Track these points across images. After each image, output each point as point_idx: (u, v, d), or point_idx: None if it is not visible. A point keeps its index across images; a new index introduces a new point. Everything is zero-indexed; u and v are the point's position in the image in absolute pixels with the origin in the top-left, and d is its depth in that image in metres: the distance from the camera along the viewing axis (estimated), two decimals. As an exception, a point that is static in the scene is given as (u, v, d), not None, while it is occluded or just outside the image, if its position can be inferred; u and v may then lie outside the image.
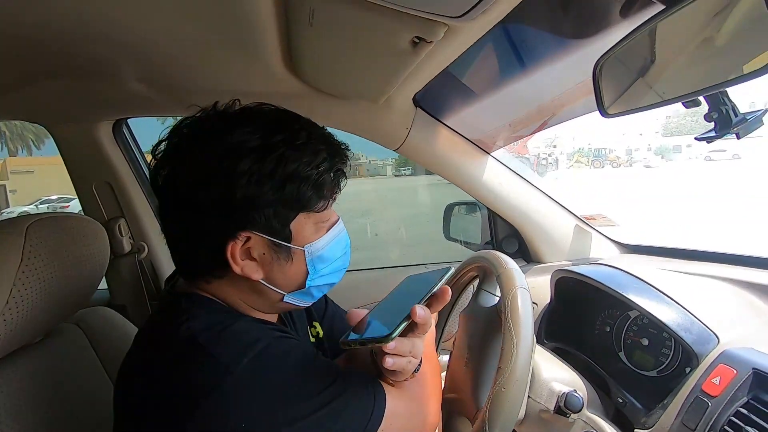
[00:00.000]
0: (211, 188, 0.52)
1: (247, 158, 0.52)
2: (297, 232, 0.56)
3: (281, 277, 0.58)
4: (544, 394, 0.77)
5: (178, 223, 0.57)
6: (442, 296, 0.53)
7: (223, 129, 0.54)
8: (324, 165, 0.55)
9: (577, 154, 35.13)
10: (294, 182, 0.53)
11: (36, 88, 0.95)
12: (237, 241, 0.54)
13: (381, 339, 0.48)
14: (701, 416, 0.63)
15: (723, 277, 0.91)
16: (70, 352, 0.80)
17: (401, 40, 0.62)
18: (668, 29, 0.50)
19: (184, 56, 0.85)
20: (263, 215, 0.53)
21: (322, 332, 0.81)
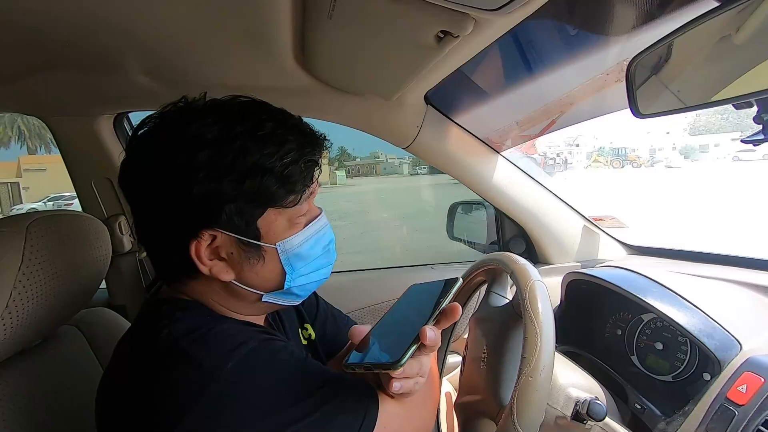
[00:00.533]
0: (168, 185, 0.49)
1: (204, 151, 0.48)
2: (266, 229, 0.53)
3: (254, 278, 0.54)
4: (561, 399, 0.76)
5: (144, 223, 0.54)
6: (452, 314, 0.49)
7: (181, 122, 0.51)
8: (290, 156, 0.51)
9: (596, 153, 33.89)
10: (255, 175, 0.49)
11: (34, 80, 0.91)
12: (201, 241, 0.51)
13: (390, 366, 0.45)
14: (728, 425, 0.62)
15: (737, 280, 0.90)
16: (70, 355, 0.77)
17: (426, 34, 0.59)
18: (716, 29, 0.48)
19: (191, 48, 0.82)
20: (225, 212, 0.50)
21: (314, 334, 0.78)
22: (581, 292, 1.03)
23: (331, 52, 0.77)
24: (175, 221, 0.51)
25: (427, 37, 0.60)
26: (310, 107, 1.08)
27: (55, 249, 0.65)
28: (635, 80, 0.57)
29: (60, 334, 0.78)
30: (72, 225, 0.71)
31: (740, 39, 0.57)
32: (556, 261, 1.33)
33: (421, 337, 0.45)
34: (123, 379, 0.52)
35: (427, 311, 0.49)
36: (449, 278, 0.54)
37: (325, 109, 1.08)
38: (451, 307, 0.49)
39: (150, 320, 0.55)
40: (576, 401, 0.74)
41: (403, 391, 0.49)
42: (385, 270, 1.47)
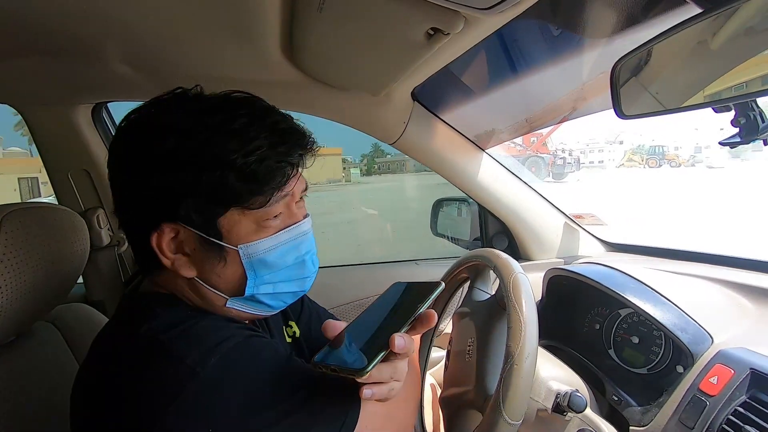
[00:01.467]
0: (134, 173, 0.49)
1: (167, 141, 0.47)
2: (228, 228, 0.50)
3: (215, 278, 0.52)
4: (542, 392, 0.78)
5: (119, 211, 0.54)
6: (428, 321, 0.48)
7: (155, 112, 0.50)
8: (256, 154, 0.47)
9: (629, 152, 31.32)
10: (214, 169, 0.47)
11: (6, 67, 0.87)
12: (162, 233, 0.50)
13: (353, 371, 0.43)
14: (699, 415, 0.65)
15: (711, 277, 0.94)
16: (45, 352, 0.75)
17: (416, 31, 0.59)
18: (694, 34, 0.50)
19: (173, 37, 0.80)
20: (182, 206, 0.48)
21: (299, 332, 0.78)
22: (562, 287, 1.06)
23: (320, 45, 0.76)
24: (137, 212, 0.51)
25: (417, 34, 0.60)
26: (295, 101, 1.07)
27: (31, 243, 0.63)
28: (619, 82, 0.58)
29: (35, 331, 0.76)
30: (48, 218, 0.69)
31: (716, 44, 0.59)
32: (538, 257, 1.35)
33: (390, 345, 0.44)
34: (101, 374, 0.50)
35: (402, 316, 0.48)
36: (432, 282, 0.53)
37: (310, 104, 1.07)
38: (428, 314, 0.48)
39: (129, 315, 0.54)
40: (557, 394, 0.76)
41: (376, 398, 0.47)
42: (370, 265, 1.48)
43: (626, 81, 0.59)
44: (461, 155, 1.22)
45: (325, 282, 1.37)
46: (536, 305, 1.07)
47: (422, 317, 0.48)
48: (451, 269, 0.89)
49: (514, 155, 20.13)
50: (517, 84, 1.02)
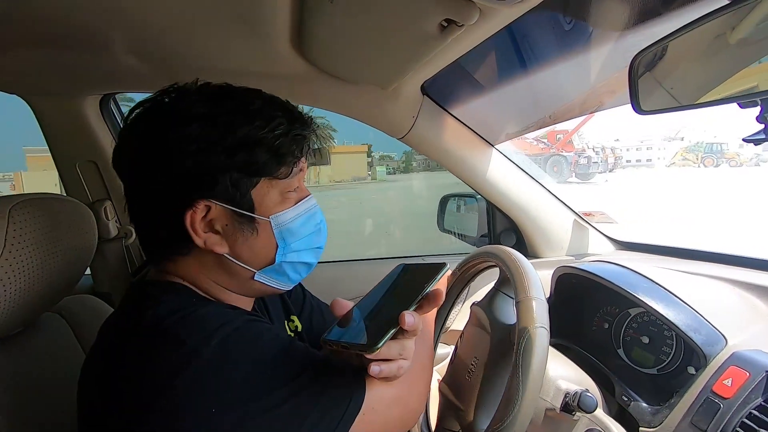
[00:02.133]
0: (163, 158, 0.51)
1: (195, 125, 0.51)
2: (259, 200, 0.54)
3: (248, 251, 0.56)
4: (551, 392, 0.77)
5: (138, 199, 0.56)
6: (435, 299, 0.50)
7: (171, 100, 0.54)
8: (280, 129, 0.53)
9: (683, 149, 28.85)
10: (247, 147, 0.52)
11: (13, 57, 0.87)
12: (196, 211, 0.52)
13: (364, 347, 0.44)
14: (713, 417, 0.64)
15: (723, 277, 0.92)
16: (53, 343, 0.75)
17: (430, 22, 0.58)
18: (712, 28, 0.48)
19: (181, 28, 0.79)
20: (219, 182, 0.52)
21: (300, 326, 0.79)
22: (571, 285, 1.05)
23: (330, 38, 0.75)
24: (169, 192, 0.52)
25: (430, 26, 0.59)
26: (304, 94, 1.06)
27: (39, 234, 0.63)
28: (638, 77, 0.57)
29: (43, 322, 0.76)
30: (56, 209, 0.69)
31: (735, 38, 0.58)
32: (546, 255, 1.34)
33: (400, 322, 0.45)
34: (107, 360, 0.51)
35: (410, 295, 0.50)
36: (437, 263, 0.54)
37: (319, 97, 1.06)
38: (435, 292, 0.50)
39: (135, 302, 0.55)
40: (566, 393, 0.75)
41: (384, 375, 0.48)
42: (377, 260, 1.47)
43: (643, 75, 0.57)
44: (470, 151, 1.21)
45: (331, 276, 1.38)
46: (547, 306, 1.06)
47: (429, 296, 0.49)
48: (468, 259, 0.87)
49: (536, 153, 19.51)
50: (529, 79, 1.00)
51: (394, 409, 0.56)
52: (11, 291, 0.60)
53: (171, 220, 0.52)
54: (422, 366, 0.66)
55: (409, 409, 0.60)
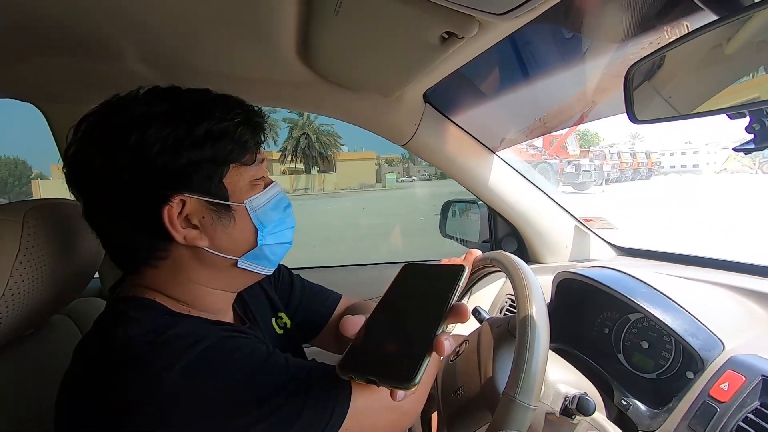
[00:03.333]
0: (130, 161, 0.51)
1: (156, 124, 0.51)
2: (232, 188, 0.56)
3: (227, 240, 0.56)
4: (551, 395, 0.78)
5: (106, 209, 0.54)
6: (461, 314, 0.45)
7: (127, 104, 0.54)
8: (239, 118, 0.56)
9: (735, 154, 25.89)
10: (213, 138, 0.53)
11: (27, 65, 0.89)
12: (172, 206, 0.52)
13: (399, 384, 0.39)
14: (709, 421, 0.65)
15: (721, 283, 0.93)
16: (61, 345, 0.76)
17: (431, 34, 0.60)
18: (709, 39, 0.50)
19: (190, 36, 0.81)
20: (192, 176, 0.53)
21: (290, 322, 0.78)
22: (571, 290, 1.05)
23: (334, 47, 0.77)
24: (142, 194, 0.52)
25: (431, 38, 0.61)
26: (307, 101, 1.08)
27: (52, 237, 0.65)
28: (633, 86, 0.58)
29: (52, 324, 0.77)
30: (68, 213, 0.70)
31: (731, 49, 0.59)
32: (547, 260, 1.35)
33: (438, 350, 0.40)
34: (76, 381, 0.51)
35: (434, 309, 0.45)
36: (453, 265, 0.49)
37: (323, 104, 1.08)
38: (460, 307, 0.45)
39: (106, 320, 0.55)
40: (565, 397, 0.76)
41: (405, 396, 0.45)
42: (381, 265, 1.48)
43: (639, 85, 0.59)
44: (472, 157, 1.23)
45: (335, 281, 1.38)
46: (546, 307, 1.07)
47: (454, 310, 0.45)
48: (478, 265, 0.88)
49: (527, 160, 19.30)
50: (528, 87, 1.02)
51: (382, 418, 0.56)
52: (24, 293, 0.61)
53: (148, 222, 0.52)
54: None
55: (402, 412, 0.59)
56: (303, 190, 32.96)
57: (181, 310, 0.56)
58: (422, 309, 0.46)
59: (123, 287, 0.61)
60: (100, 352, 0.51)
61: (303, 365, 0.54)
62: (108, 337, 0.51)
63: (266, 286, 0.78)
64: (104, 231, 0.57)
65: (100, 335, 0.54)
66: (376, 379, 0.40)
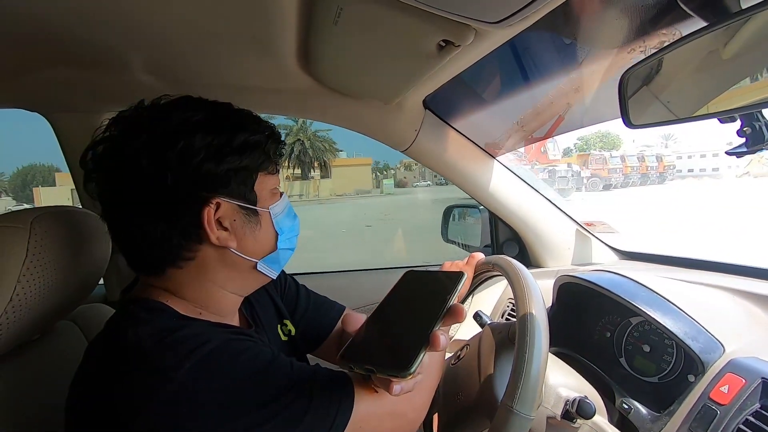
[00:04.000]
0: (175, 165, 0.53)
1: (200, 132, 0.55)
2: (259, 194, 0.60)
3: (252, 243, 0.60)
4: (551, 399, 0.78)
5: (141, 209, 0.55)
6: (457, 314, 0.48)
7: (164, 113, 0.57)
8: (267, 132, 0.61)
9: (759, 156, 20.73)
10: (249, 148, 0.58)
11: (36, 77, 0.91)
12: (210, 208, 0.55)
13: (395, 372, 0.42)
14: (710, 424, 0.65)
15: (722, 286, 0.93)
16: (67, 350, 0.77)
17: (428, 42, 0.61)
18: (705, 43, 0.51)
19: (195, 48, 0.83)
20: (231, 181, 0.57)
21: (294, 330, 0.79)
22: (572, 294, 1.06)
23: (335, 56, 0.79)
24: (184, 196, 0.54)
25: (429, 46, 0.62)
26: (309, 109, 1.10)
27: (58, 244, 0.66)
28: (627, 92, 0.59)
29: (57, 329, 0.78)
30: (74, 221, 0.71)
31: (728, 54, 0.60)
32: (549, 265, 1.35)
33: (434, 344, 0.43)
34: (87, 381, 0.53)
35: (432, 309, 0.47)
36: (453, 272, 0.52)
37: (324, 111, 1.10)
38: (457, 308, 0.49)
39: (117, 321, 0.57)
40: (566, 400, 0.76)
41: (404, 392, 0.47)
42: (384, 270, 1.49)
43: (635, 91, 0.60)
44: (472, 162, 1.24)
45: (338, 286, 1.40)
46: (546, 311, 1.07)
47: (452, 310, 0.49)
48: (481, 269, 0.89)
49: None
50: (527, 92, 1.03)
51: (386, 423, 0.57)
52: (31, 298, 0.62)
53: (184, 222, 0.55)
54: (427, 374, 0.65)
55: (407, 420, 0.60)
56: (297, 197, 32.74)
57: (190, 312, 0.58)
58: (421, 309, 0.49)
59: (134, 290, 0.62)
60: (109, 352, 0.52)
61: (307, 369, 0.54)
62: (118, 338, 0.52)
63: (272, 292, 0.80)
64: (133, 233, 0.57)
65: (111, 336, 0.55)
66: (373, 368, 0.42)
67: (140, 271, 0.61)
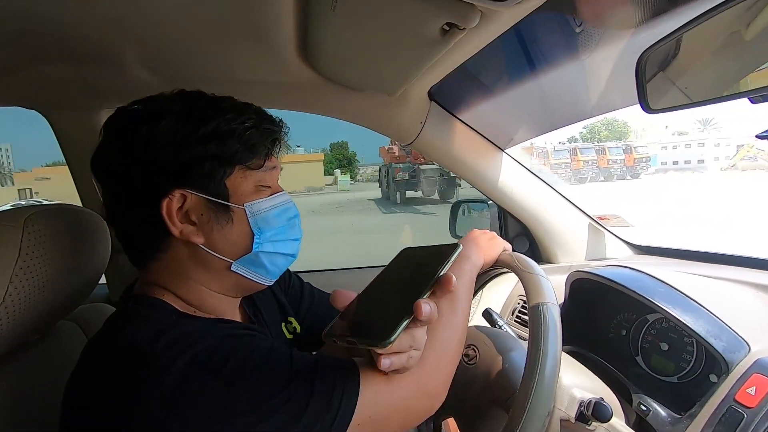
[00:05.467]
0: (138, 152, 0.53)
1: (168, 119, 0.53)
2: (234, 189, 0.56)
3: (223, 241, 0.57)
4: (565, 400, 0.75)
5: (117, 201, 0.57)
6: (446, 284, 0.45)
7: (146, 103, 0.57)
8: (250, 122, 0.56)
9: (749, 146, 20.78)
10: (219, 137, 0.54)
11: (31, 73, 0.90)
12: (171, 200, 0.53)
13: (374, 342, 0.41)
14: (736, 428, 0.61)
15: (745, 281, 0.89)
16: (69, 350, 0.76)
17: (431, 27, 0.58)
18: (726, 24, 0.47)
19: (191, 41, 0.81)
20: (193, 172, 0.54)
21: (299, 327, 0.78)
22: (585, 291, 1.02)
23: (334, 45, 0.76)
24: (144, 184, 0.54)
25: (432, 30, 0.59)
26: (312, 103, 1.07)
27: (54, 243, 0.64)
28: (645, 75, 0.56)
29: (58, 330, 0.77)
30: (71, 219, 0.70)
31: (750, 35, 0.56)
32: (561, 260, 1.32)
33: (416, 312, 0.42)
34: (83, 377, 0.52)
35: (421, 280, 0.46)
36: (449, 244, 0.50)
37: (327, 106, 1.07)
38: (446, 277, 0.45)
39: (115, 319, 0.56)
40: (580, 402, 0.73)
41: (394, 367, 0.46)
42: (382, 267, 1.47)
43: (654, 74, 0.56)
44: (480, 155, 1.21)
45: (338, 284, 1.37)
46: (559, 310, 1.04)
47: (441, 281, 0.46)
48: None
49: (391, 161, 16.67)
50: (538, 81, 0.99)
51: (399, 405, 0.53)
52: (26, 299, 0.61)
53: (148, 213, 0.54)
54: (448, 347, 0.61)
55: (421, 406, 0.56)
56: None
57: (187, 309, 0.57)
58: (410, 282, 0.47)
59: (135, 286, 0.62)
60: (105, 350, 0.52)
61: (308, 359, 0.52)
62: (114, 335, 0.52)
63: (276, 290, 0.79)
64: (116, 224, 0.59)
65: (108, 333, 0.54)
66: (355, 340, 0.42)
67: (132, 264, 0.61)
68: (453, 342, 0.62)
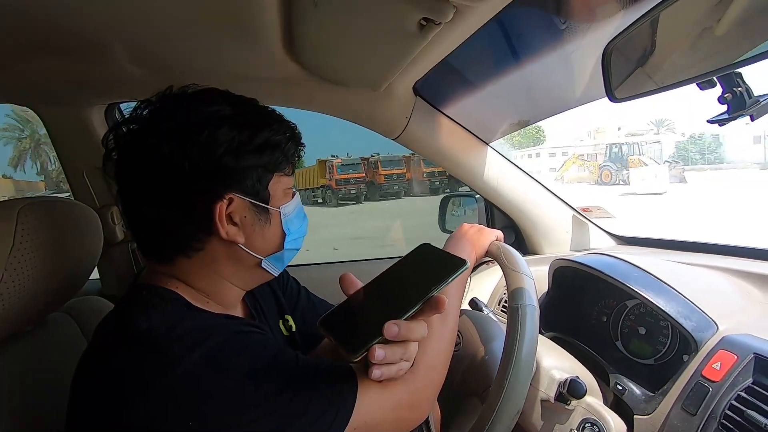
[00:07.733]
0: (196, 156, 0.54)
1: (225, 126, 0.56)
2: (273, 194, 0.61)
3: (260, 240, 0.61)
4: (545, 382, 0.78)
5: (157, 196, 0.56)
6: (436, 306, 0.47)
7: (192, 103, 0.58)
8: (288, 132, 0.62)
9: (575, 156, 20.24)
10: (269, 147, 0.59)
11: (21, 69, 0.90)
12: (224, 203, 0.56)
13: (346, 355, 0.43)
14: (702, 401, 0.64)
15: (719, 267, 0.92)
16: (62, 342, 0.78)
17: (408, 21, 0.60)
18: (680, 11, 0.50)
19: (177, 36, 0.82)
20: (247, 178, 0.58)
21: (295, 325, 0.80)
22: (569, 279, 1.05)
23: (318, 40, 0.78)
24: (200, 187, 0.56)
25: (409, 25, 0.61)
26: (296, 98, 1.09)
27: (47, 235, 0.66)
28: (611, 65, 0.58)
29: (52, 321, 0.79)
30: (64, 212, 0.72)
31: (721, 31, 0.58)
32: (546, 251, 1.34)
33: (385, 332, 0.43)
34: (95, 359, 0.53)
35: (414, 294, 0.46)
36: (456, 257, 0.50)
37: (312, 100, 1.09)
38: (438, 299, 0.47)
39: (127, 306, 0.57)
40: (558, 382, 0.76)
41: (384, 377, 0.47)
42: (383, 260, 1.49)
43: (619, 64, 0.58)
44: (465, 149, 1.23)
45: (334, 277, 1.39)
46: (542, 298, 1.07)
47: (432, 301, 0.47)
48: None
49: None
50: (520, 74, 1.01)
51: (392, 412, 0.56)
52: (19, 289, 0.62)
53: (197, 213, 0.56)
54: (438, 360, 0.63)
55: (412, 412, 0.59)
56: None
57: (198, 302, 0.59)
58: (406, 291, 0.49)
59: (142, 276, 0.63)
60: (118, 336, 0.53)
61: (311, 363, 0.55)
62: (128, 323, 0.53)
63: (275, 287, 0.81)
64: (146, 217, 0.58)
65: (121, 319, 0.56)
66: (335, 340, 0.45)
67: (150, 257, 0.61)
68: (442, 353, 0.64)
